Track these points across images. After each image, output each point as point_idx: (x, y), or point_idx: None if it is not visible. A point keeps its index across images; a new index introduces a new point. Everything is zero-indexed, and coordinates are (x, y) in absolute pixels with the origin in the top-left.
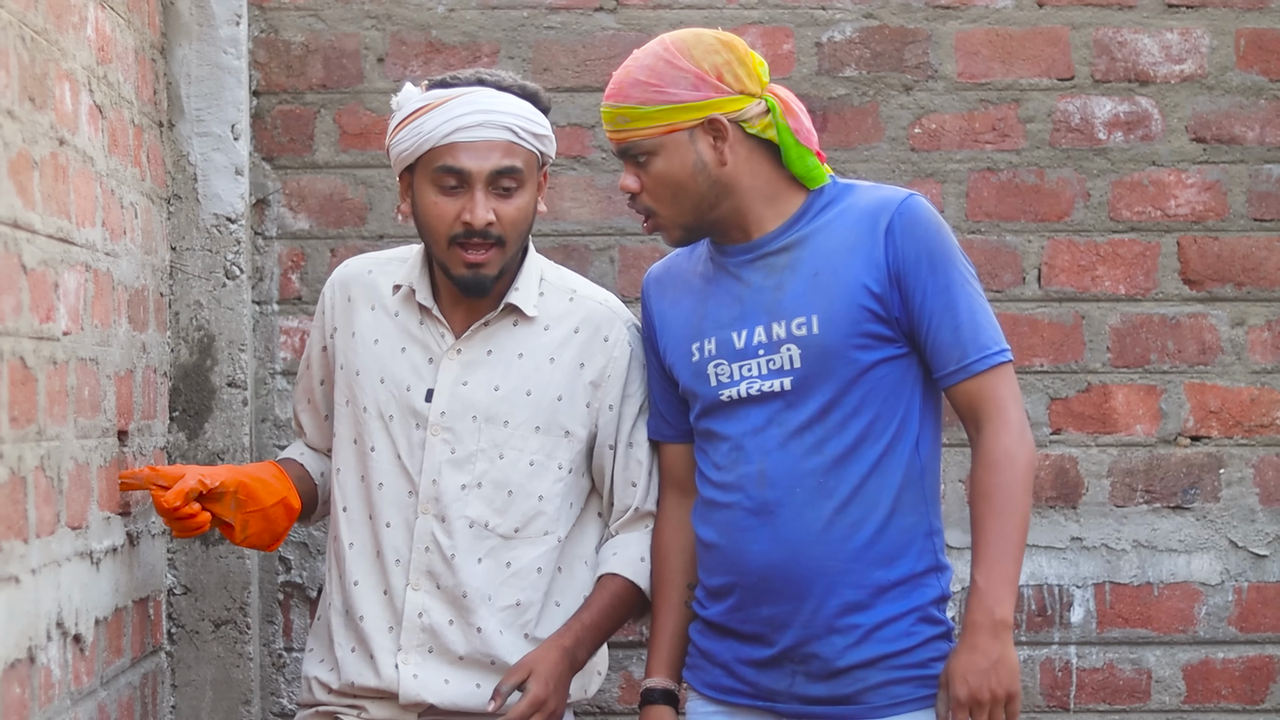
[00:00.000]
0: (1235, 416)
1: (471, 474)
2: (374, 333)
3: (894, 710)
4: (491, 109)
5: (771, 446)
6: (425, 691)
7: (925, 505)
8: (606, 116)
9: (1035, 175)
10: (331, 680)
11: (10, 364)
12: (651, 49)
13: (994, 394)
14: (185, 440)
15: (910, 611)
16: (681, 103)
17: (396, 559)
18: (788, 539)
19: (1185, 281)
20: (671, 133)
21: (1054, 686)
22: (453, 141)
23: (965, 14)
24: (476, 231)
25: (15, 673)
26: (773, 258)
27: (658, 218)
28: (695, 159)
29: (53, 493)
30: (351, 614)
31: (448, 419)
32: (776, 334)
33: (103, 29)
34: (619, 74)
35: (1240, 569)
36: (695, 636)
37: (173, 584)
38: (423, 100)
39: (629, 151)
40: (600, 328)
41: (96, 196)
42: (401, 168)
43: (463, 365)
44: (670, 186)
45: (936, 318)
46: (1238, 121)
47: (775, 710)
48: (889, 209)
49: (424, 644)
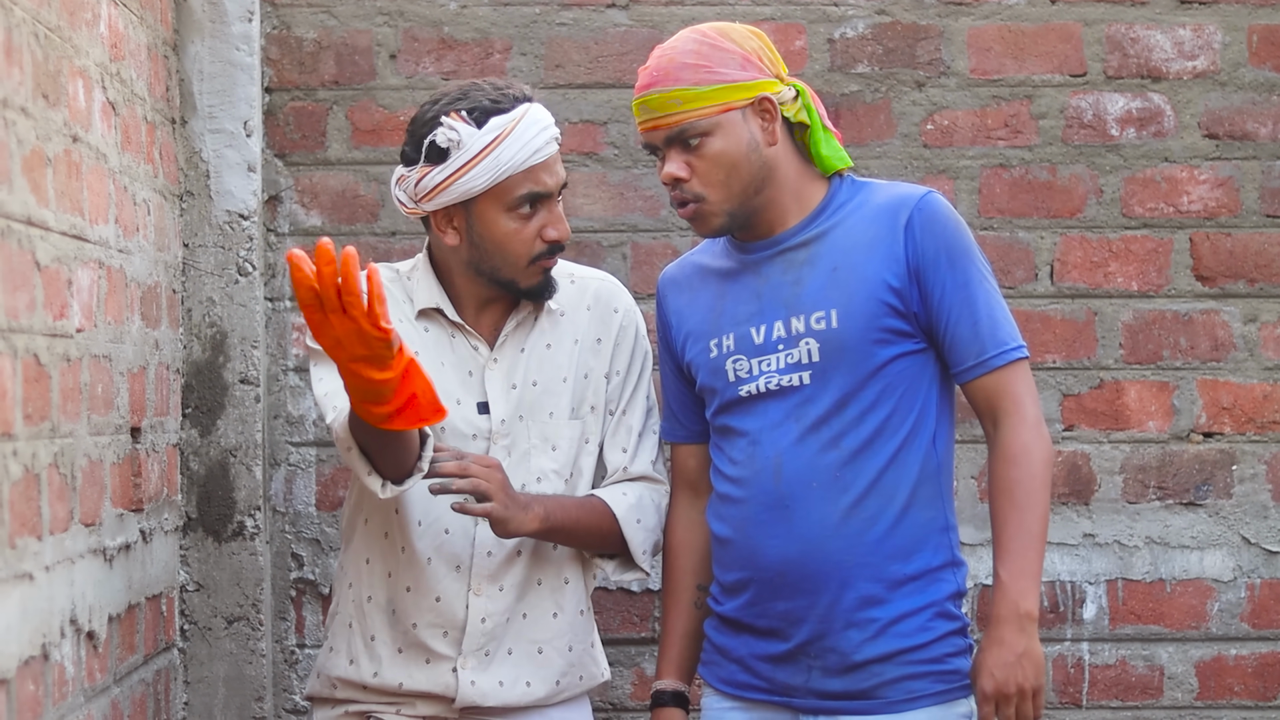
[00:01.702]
0: (1248, 413)
1: (529, 471)
2: (410, 345)
3: (910, 705)
4: (547, 124)
5: (788, 441)
6: (481, 697)
7: (941, 500)
8: (654, 104)
9: (1048, 171)
10: (365, 679)
11: (24, 361)
12: (687, 36)
13: (1011, 389)
14: (198, 437)
15: (927, 606)
16: (734, 82)
17: (456, 565)
18: (804, 533)
19: (1198, 278)
20: (727, 111)
21: (1067, 683)
22: (532, 165)
23: (978, 10)
24: (560, 246)
25: (29, 670)
26: (792, 253)
27: (704, 203)
28: (749, 138)
29: (66, 490)
30: (400, 617)
31: (506, 426)
32: (795, 329)
33: (115, 26)
34: (657, 64)
35: (1253, 565)
36: (711, 632)
37: (185, 581)
38: (491, 133)
39: (683, 134)
40: (609, 301)
41: (109, 193)
42: (454, 202)
43: (504, 373)
44: (725, 167)
45: (955, 313)
46: (1250, 118)
47: (792, 705)
48: (908, 205)
49: (483, 648)
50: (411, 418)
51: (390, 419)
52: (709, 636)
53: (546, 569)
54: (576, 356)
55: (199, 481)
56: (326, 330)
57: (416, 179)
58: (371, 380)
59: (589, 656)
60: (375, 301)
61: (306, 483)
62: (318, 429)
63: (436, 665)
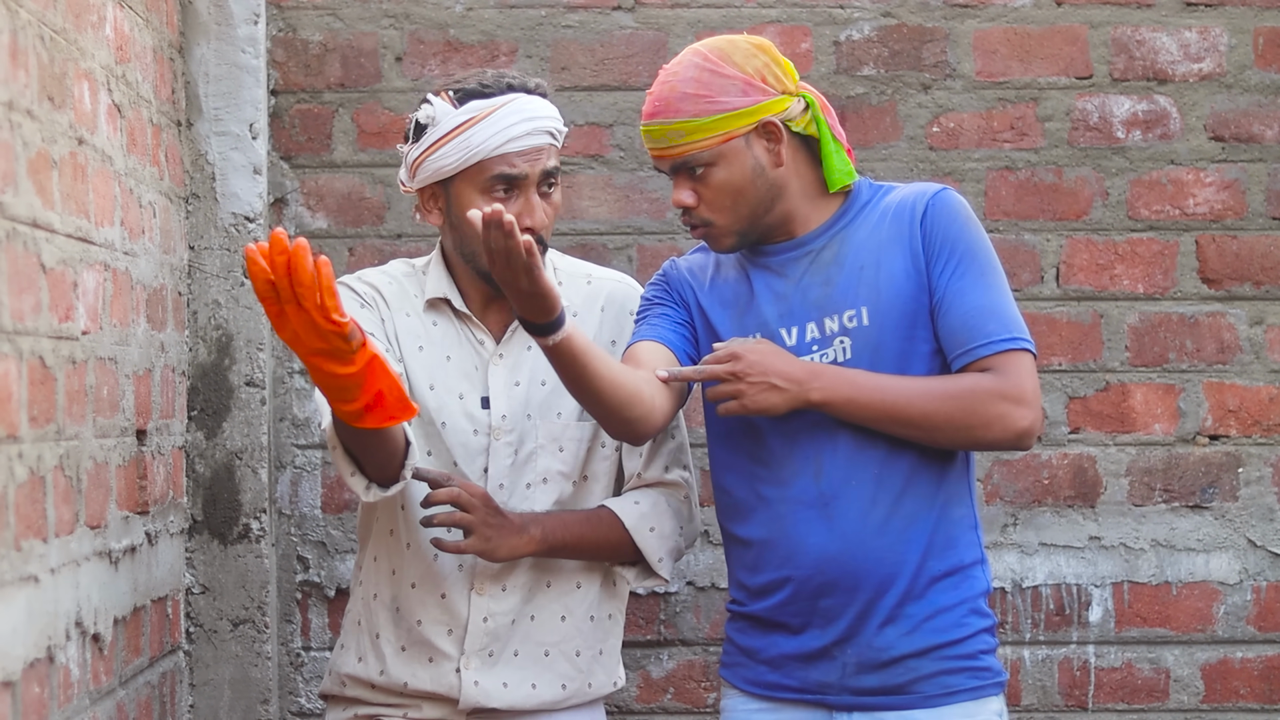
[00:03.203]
0: (1254, 415)
1: (535, 471)
2: (416, 339)
3: (946, 700)
4: (534, 115)
5: (825, 440)
6: (485, 698)
7: (969, 497)
8: (655, 134)
9: (1053, 174)
10: (373, 677)
11: (29, 363)
12: (688, 61)
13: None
14: (204, 439)
15: (961, 602)
16: (734, 110)
17: (459, 563)
18: (845, 530)
19: (1204, 280)
20: (729, 140)
21: (1072, 686)
22: (505, 151)
23: (983, 13)
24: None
25: (34, 672)
26: (818, 254)
27: (713, 227)
28: (753, 163)
29: (72, 492)
30: (404, 615)
31: (509, 422)
32: (829, 328)
33: (121, 28)
34: (660, 91)
35: (1259, 568)
36: (734, 634)
37: (191, 583)
38: (466, 114)
39: (686, 165)
40: (625, 303)
41: (115, 196)
42: (433, 181)
43: (509, 368)
44: (730, 195)
45: (947, 303)
46: (1256, 120)
47: (825, 703)
48: (924, 199)
49: (486, 647)
50: (381, 415)
51: (361, 417)
52: (731, 638)
53: (557, 573)
54: None
55: (204, 484)
56: (285, 324)
57: (406, 154)
58: (334, 375)
59: (598, 664)
60: (325, 294)
61: (312, 485)
62: (323, 432)
63: (440, 664)
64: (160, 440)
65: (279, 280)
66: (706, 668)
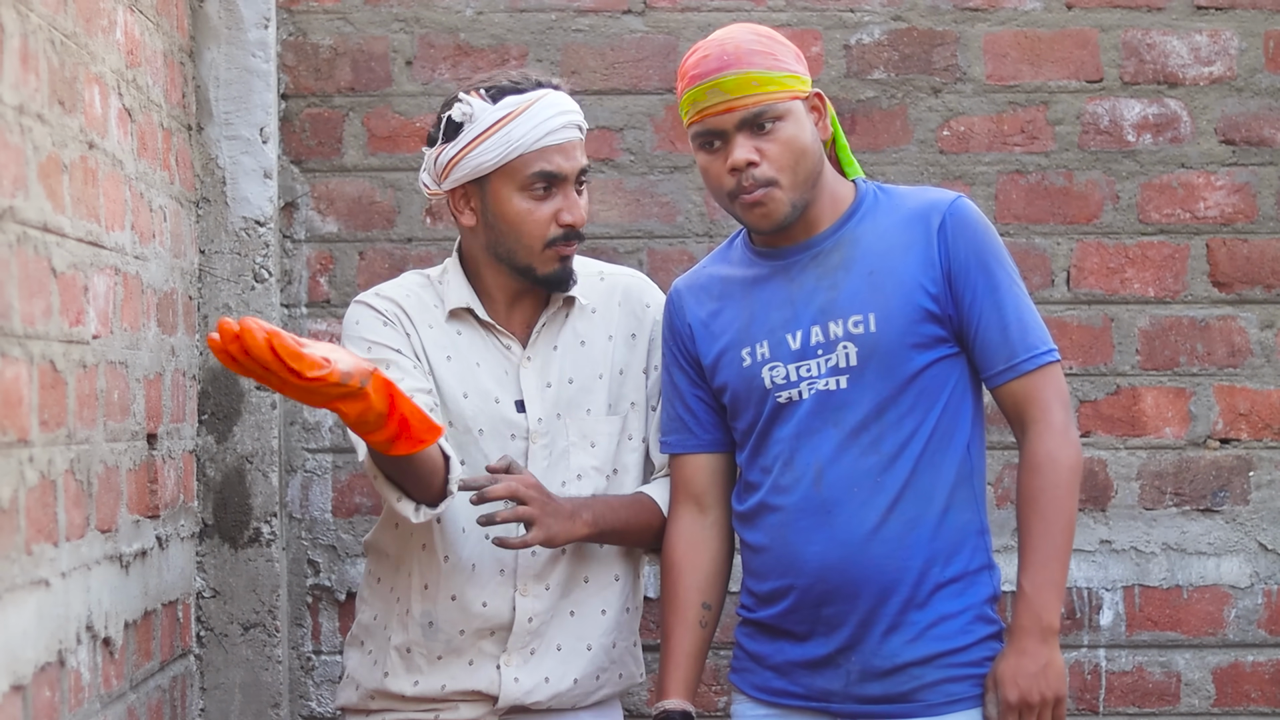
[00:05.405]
0: (1265, 419)
1: (569, 469)
2: (443, 350)
3: (950, 708)
4: (566, 109)
5: (828, 446)
6: (524, 695)
7: (976, 503)
8: (728, 85)
9: (1064, 177)
10: (405, 689)
11: (40, 367)
12: (742, 29)
13: (1039, 395)
14: (214, 443)
15: (966, 609)
16: (795, 73)
17: (501, 569)
18: (846, 538)
19: (1214, 284)
20: (795, 99)
21: (1083, 689)
22: (544, 146)
23: (994, 16)
24: (576, 231)
25: (45, 676)
26: (825, 257)
27: (775, 187)
28: (811, 129)
29: (82, 496)
30: (442, 627)
31: (544, 424)
32: (834, 333)
33: (132, 32)
34: (724, 48)
35: (1270, 572)
36: (743, 640)
37: (201, 587)
38: (504, 109)
39: (759, 117)
40: (641, 296)
41: (125, 200)
42: (468, 180)
43: (539, 370)
44: (796, 152)
45: (985, 317)
46: (1267, 123)
47: (829, 711)
48: (940, 209)
49: (528, 645)
50: (410, 441)
51: (392, 445)
52: (740, 643)
53: (594, 566)
54: (611, 352)
55: (215, 488)
56: (284, 391)
57: (435, 156)
58: (353, 414)
59: (630, 655)
60: (289, 360)
61: (323, 489)
62: (334, 435)
63: (480, 665)
64: (171, 444)
65: (244, 363)
66: (717, 672)
